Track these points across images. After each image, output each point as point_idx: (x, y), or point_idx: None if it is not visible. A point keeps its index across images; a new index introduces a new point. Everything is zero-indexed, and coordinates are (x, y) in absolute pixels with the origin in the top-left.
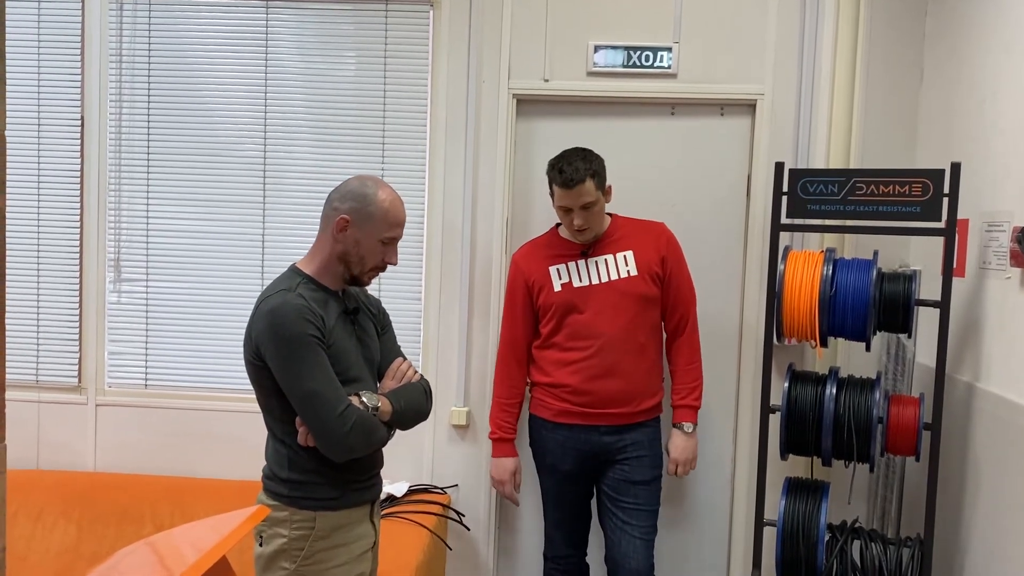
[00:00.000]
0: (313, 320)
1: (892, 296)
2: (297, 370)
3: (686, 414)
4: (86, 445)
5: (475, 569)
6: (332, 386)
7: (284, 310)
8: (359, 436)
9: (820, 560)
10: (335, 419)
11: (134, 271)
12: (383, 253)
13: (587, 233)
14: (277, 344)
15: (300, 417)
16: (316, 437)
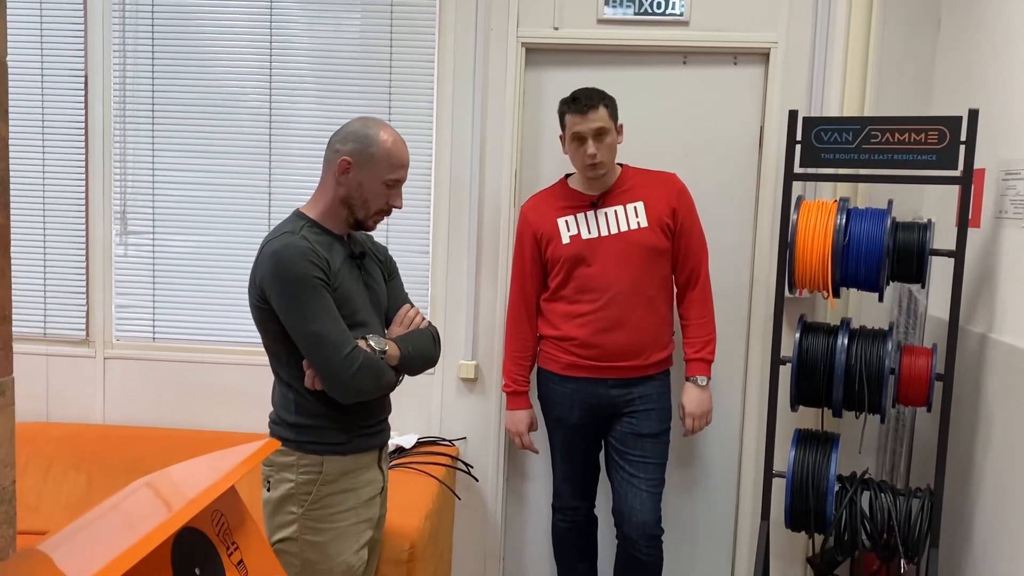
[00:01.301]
0: (318, 262)
1: (906, 246)
2: (302, 312)
3: (700, 367)
4: (95, 398)
5: (484, 519)
6: (338, 328)
7: (288, 252)
8: (366, 378)
9: (829, 511)
10: (342, 360)
11: (140, 224)
12: (387, 196)
13: (599, 169)
14: (282, 286)
15: (306, 359)
16: (323, 379)
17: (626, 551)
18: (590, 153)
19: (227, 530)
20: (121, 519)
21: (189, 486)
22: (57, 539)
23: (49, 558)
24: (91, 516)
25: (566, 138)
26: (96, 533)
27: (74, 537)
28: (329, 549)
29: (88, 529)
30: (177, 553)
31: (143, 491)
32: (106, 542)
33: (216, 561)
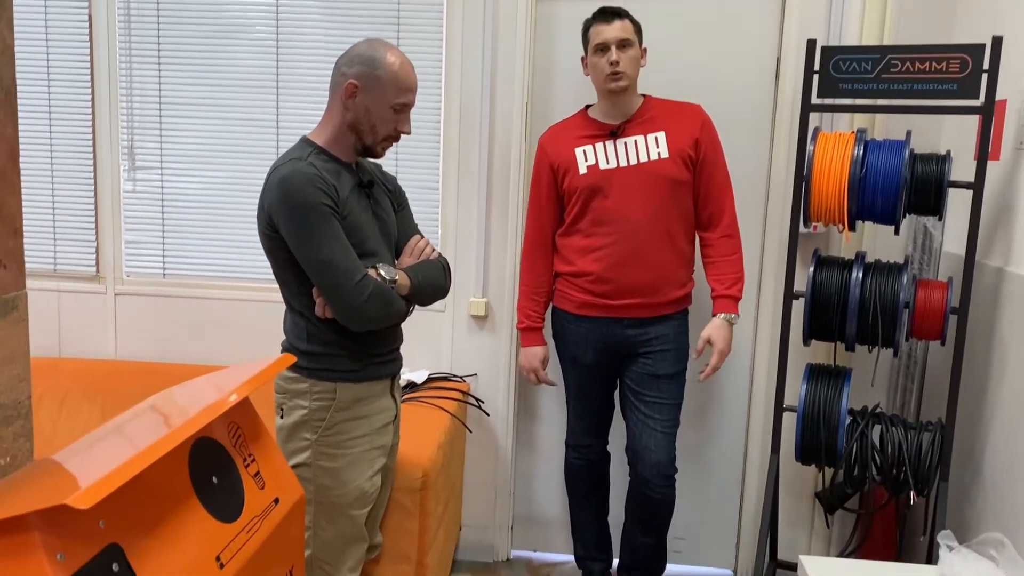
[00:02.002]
0: (325, 189)
1: (924, 177)
2: (311, 239)
3: (729, 304)
4: (106, 334)
5: (494, 454)
6: (348, 255)
7: (295, 179)
8: (377, 305)
9: (840, 444)
10: (353, 288)
11: (148, 159)
12: (395, 121)
13: (621, 80)
14: (289, 214)
15: (317, 287)
16: (333, 307)
17: (639, 489)
18: (612, 60)
19: (243, 442)
20: (138, 428)
21: (205, 398)
22: (72, 449)
23: (63, 466)
24: (107, 428)
25: (588, 53)
26: (112, 442)
27: (91, 447)
28: (343, 475)
29: (104, 439)
30: (194, 460)
31: (161, 402)
32: (122, 448)
33: (233, 471)
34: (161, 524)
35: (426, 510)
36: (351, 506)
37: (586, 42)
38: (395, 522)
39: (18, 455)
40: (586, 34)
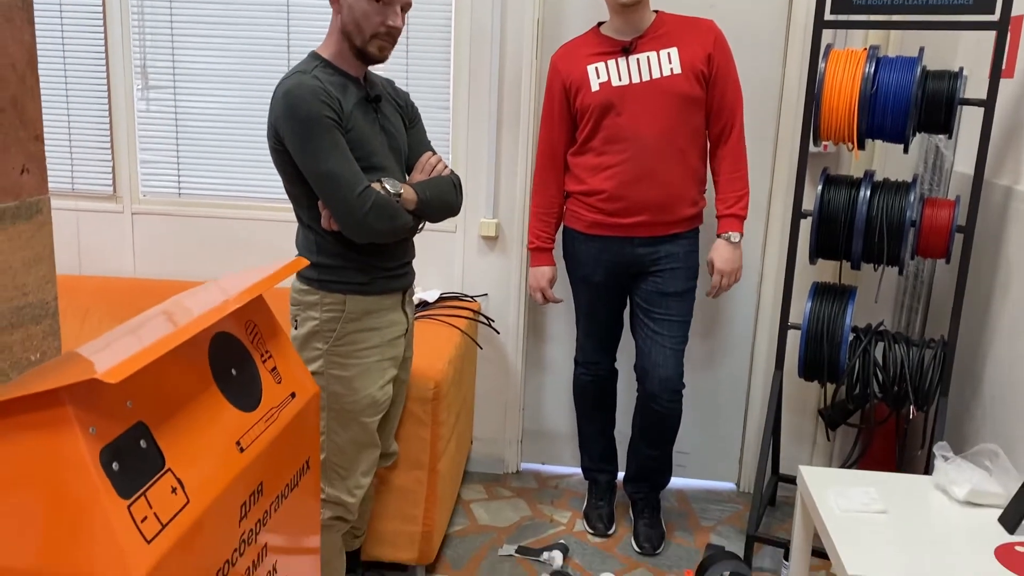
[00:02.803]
0: (328, 102)
1: (935, 94)
2: (314, 152)
3: (732, 223)
4: (124, 252)
5: (504, 371)
6: (350, 168)
7: (298, 91)
8: (379, 217)
9: (843, 360)
10: (354, 199)
11: (161, 78)
12: (379, 15)
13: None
14: (293, 126)
15: (320, 199)
16: (336, 218)
17: (647, 404)
18: None
19: (260, 339)
20: (156, 325)
21: (223, 295)
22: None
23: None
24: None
25: None
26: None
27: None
28: (355, 383)
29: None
30: (214, 353)
31: (175, 304)
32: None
33: (251, 365)
34: (184, 409)
35: (438, 420)
36: (363, 413)
37: None
38: (409, 431)
39: (47, 352)
40: None
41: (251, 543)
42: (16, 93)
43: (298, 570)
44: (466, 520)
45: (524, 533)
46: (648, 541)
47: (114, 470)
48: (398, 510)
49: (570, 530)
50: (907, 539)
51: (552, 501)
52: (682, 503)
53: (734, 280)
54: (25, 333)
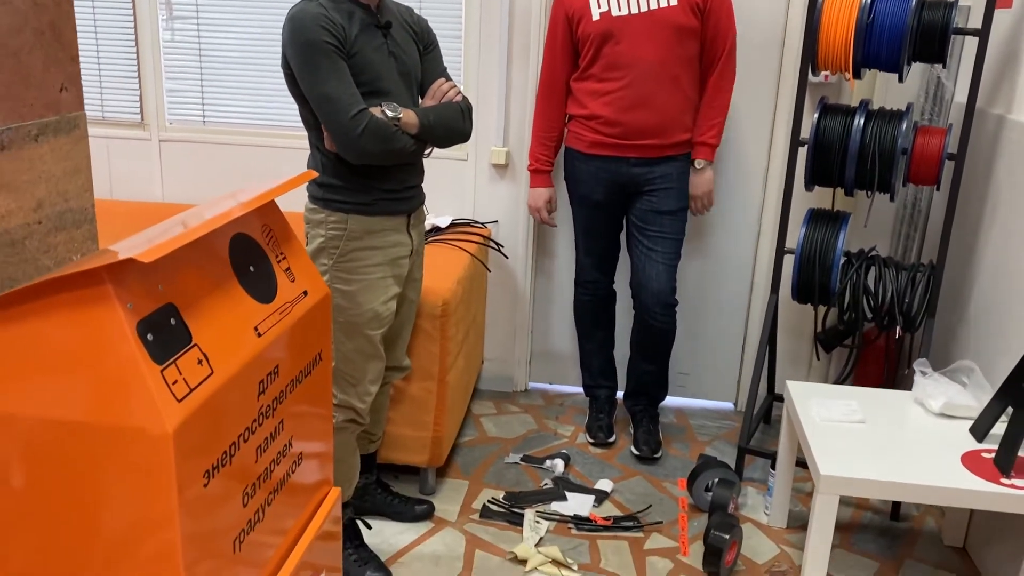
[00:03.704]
0: (329, 28)
1: (930, 24)
2: (313, 75)
3: (701, 150)
4: (153, 178)
5: (514, 295)
6: (347, 91)
7: (301, 17)
8: (372, 140)
9: (834, 283)
10: (348, 121)
11: (185, 8)
12: None
13: None
14: (295, 50)
15: (320, 121)
16: (333, 139)
17: (643, 319)
18: None
19: (275, 242)
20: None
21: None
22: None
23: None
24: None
25: None
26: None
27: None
28: (358, 297)
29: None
30: (233, 250)
31: (201, 208)
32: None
33: (267, 264)
34: (208, 296)
35: (446, 335)
36: (367, 325)
37: None
38: (420, 345)
39: (87, 253)
40: None
41: (268, 416)
42: (54, 17)
43: (311, 448)
44: (476, 432)
45: (529, 444)
46: (646, 444)
47: (148, 340)
48: (411, 417)
49: (572, 442)
50: (881, 446)
51: (557, 417)
52: (681, 420)
53: (707, 203)
54: (68, 236)
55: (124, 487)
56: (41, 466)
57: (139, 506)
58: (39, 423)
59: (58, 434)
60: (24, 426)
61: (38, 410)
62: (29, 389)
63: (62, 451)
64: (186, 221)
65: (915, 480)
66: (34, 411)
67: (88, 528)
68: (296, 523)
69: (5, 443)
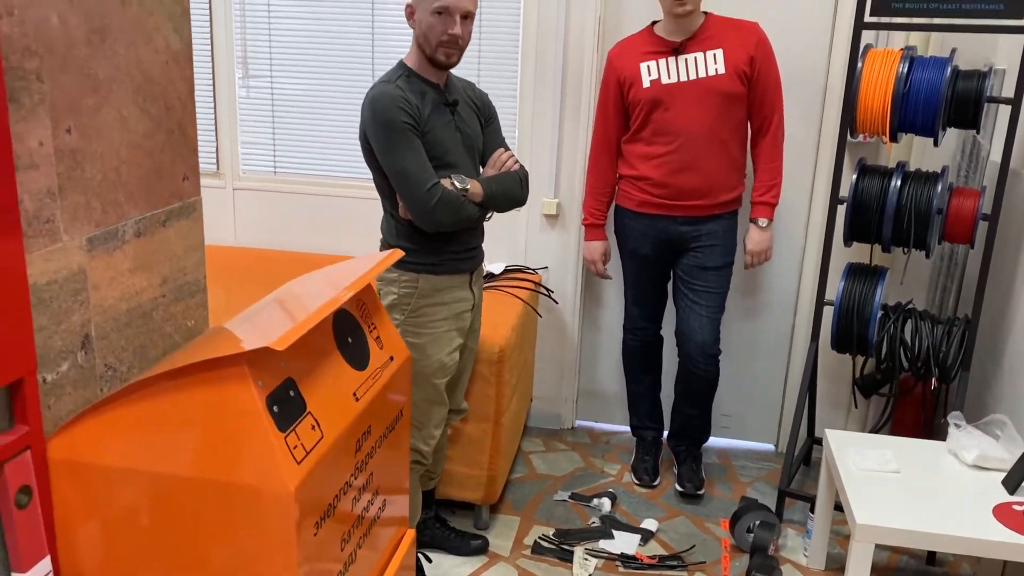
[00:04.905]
0: (407, 108)
1: (964, 93)
2: (392, 152)
3: (763, 210)
4: (227, 223)
5: (562, 336)
6: (422, 166)
7: (382, 99)
8: (444, 210)
9: (871, 334)
10: (423, 194)
11: (259, 68)
12: (441, 24)
13: (687, 4)
14: (375, 128)
15: (397, 193)
16: (408, 209)
17: (686, 367)
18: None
19: (368, 314)
20: (292, 303)
21: (339, 281)
22: (238, 320)
23: (235, 331)
24: (262, 304)
25: None
26: (274, 312)
27: (252, 318)
28: (427, 349)
29: (263, 312)
30: (336, 326)
31: (304, 284)
32: (285, 317)
33: (362, 334)
34: (316, 368)
35: (502, 379)
36: (433, 375)
37: None
38: (477, 389)
39: (199, 319)
40: None
41: (361, 470)
42: (181, 118)
43: (393, 495)
44: (526, 469)
45: (577, 482)
46: (690, 481)
47: (275, 412)
48: (467, 457)
49: (619, 481)
50: (915, 495)
51: (603, 455)
52: (723, 460)
53: (764, 259)
54: (185, 305)
55: (249, 539)
56: (175, 519)
57: (262, 555)
58: (176, 481)
59: (192, 491)
60: (163, 483)
61: (176, 469)
62: (170, 450)
63: (195, 506)
64: (282, 300)
65: (948, 531)
66: (173, 470)
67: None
68: (379, 562)
69: (145, 497)
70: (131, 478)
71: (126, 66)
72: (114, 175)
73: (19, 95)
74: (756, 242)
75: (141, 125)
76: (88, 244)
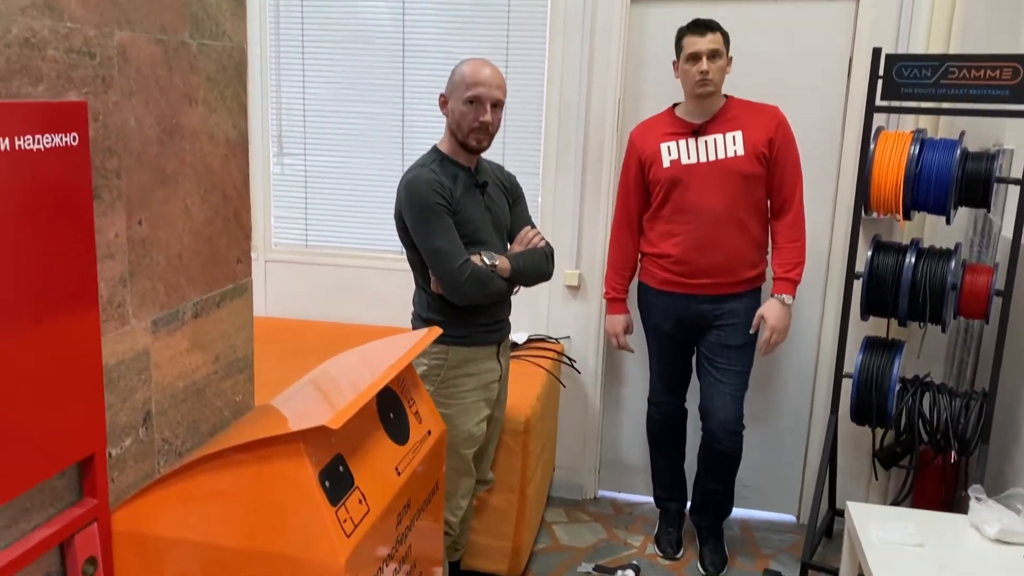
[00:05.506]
0: (440, 191)
1: (974, 174)
2: (426, 230)
3: (786, 286)
4: (258, 295)
5: (584, 406)
6: (454, 244)
7: (417, 182)
8: (474, 285)
9: (890, 407)
10: (455, 270)
11: (294, 147)
12: (473, 112)
13: (708, 86)
14: (410, 210)
15: (429, 269)
16: (440, 284)
17: (709, 443)
18: (703, 70)
19: (407, 390)
20: (336, 382)
21: (382, 359)
22: (284, 397)
23: (281, 410)
24: (300, 385)
25: (680, 60)
26: (319, 391)
27: (297, 395)
28: (455, 420)
29: (303, 392)
30: (379, 402)
31: (339, 365)
32: (327, 397)
33: (402, 410)
34: (362, 444)
35: (527, 450)
36: (461, 446)
37: (679, 49)
38: (503, 460)
39: (246, 394)
40: (679, 42)
41: (403, 542)
42: (237, 206)
43: (429, 566)
44: (549, 540)
45: (601, 553)
46: (712, 564)
47: (326, 487)
48: (493, 528)
49: (642, 553)
50: (939, 569)
51: (626, 526)
52: (745, 532)
53: (782, 338)
54: (234, 381)
55: None
56: None
57: None
58: (231, 552)
59: (245, 563)
60: (219, 554)
61: (231, 541)
62: (226, 523)
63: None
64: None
65: None
66: (228, 541)
67: None
68: None
69: (201, 566)
70: (189, 549)
71: (191, 160)
72: (177, 261)
73: (101, 192)
74: (777, 317)
75: (202, 213)
76: (152, 326)
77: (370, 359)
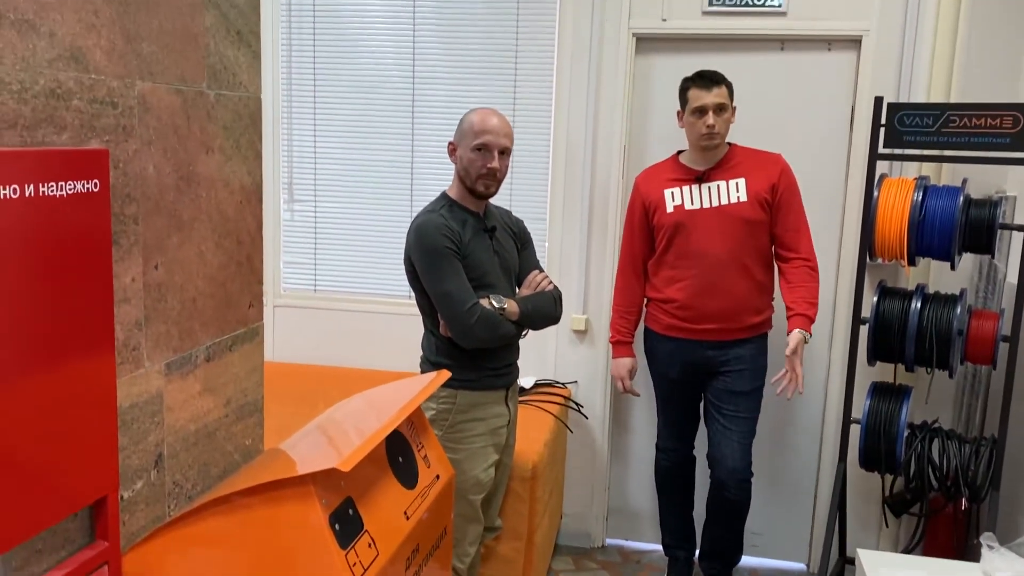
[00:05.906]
0: (449, 235)
1: (977, 220)
2: (435, 275)
3: (803, 321)
4: (266, 339)
5: (592, 452)
6: (463, 288)
7: (426, 227)
8: (483, 328)
9: (899, 453)
10: (463, 313)
11: (304, 193)
12: (481, 159)
13: (714, 139)
14: (420, 254)
15: (438, 313)
16: (449, 327)
17: (718, 491)
18: (709, 124)
19: (416, 433)
20: (344, 426)
21: (390, 403)
22: (292, 441)
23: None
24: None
25: (686, 112)
26: (327, 435)
27: (305, 439)
28: (463, 465)
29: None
30: (389, 446)
31: (355, 407)
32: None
33: (411, 453)
34: (371, 487)
35: (535, 496)
36: (469, 491)
37: (684, 101)
38: (510, 506)
39: (255, 437)
40: (684, 94)
41: None
42: (250, 251)
43: None
44: None
45: None
46: None
47: (336, 529)
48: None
49: None
50: None
51: (635, 574)
52: None
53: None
54: (244, 424)
55: None
56: None
57: None
58: None
59: None
60: None
61: None
62: (237, 565)
63: None
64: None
65: None
66: None
67: None
68: None
69: None
70: None
71: (206, 207)
72: (191, 305)
73: (119, 237)
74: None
75: (216, 259)
76: (166, 369)
77: (378, 403)
